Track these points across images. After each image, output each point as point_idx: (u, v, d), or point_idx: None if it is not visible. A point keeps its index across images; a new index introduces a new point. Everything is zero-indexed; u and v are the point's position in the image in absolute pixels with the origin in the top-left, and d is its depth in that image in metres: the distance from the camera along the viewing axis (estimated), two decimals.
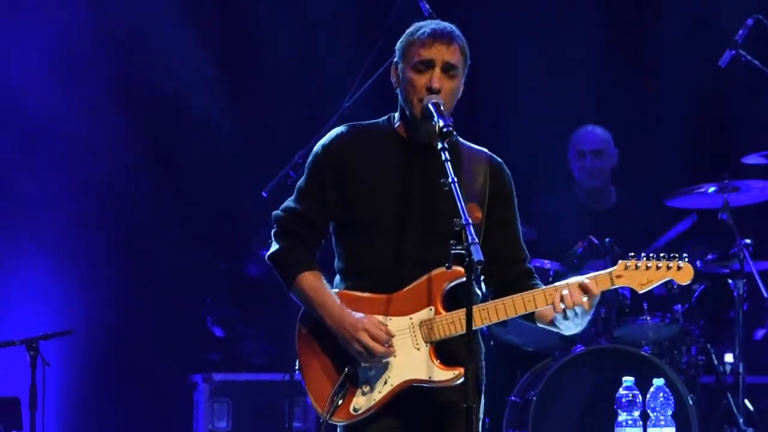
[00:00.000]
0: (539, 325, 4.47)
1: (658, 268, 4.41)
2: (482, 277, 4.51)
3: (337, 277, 4.50)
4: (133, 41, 8.56)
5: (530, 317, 4.44)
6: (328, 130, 4.57)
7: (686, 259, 4.43)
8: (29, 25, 8.36)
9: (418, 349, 4.34)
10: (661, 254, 4.43)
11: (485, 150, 4.56)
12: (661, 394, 4.80)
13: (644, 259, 4.41)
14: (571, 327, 4.37)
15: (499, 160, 4.57)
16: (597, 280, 4.36)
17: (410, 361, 4.33)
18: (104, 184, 8.48)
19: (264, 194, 6.58)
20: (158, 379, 8.47)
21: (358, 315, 4.33)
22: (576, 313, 4.31)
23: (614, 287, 4.43)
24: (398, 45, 4.47)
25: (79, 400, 8.37)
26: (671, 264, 4.41)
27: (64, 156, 8.43)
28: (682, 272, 4.42)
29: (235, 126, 8.70)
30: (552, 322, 4.41)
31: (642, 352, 7.11)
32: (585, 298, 4.30)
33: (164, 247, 8.53)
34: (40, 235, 8.31)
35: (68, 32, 8.39)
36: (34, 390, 6.75)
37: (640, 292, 4.44)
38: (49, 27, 8.37)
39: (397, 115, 4.52)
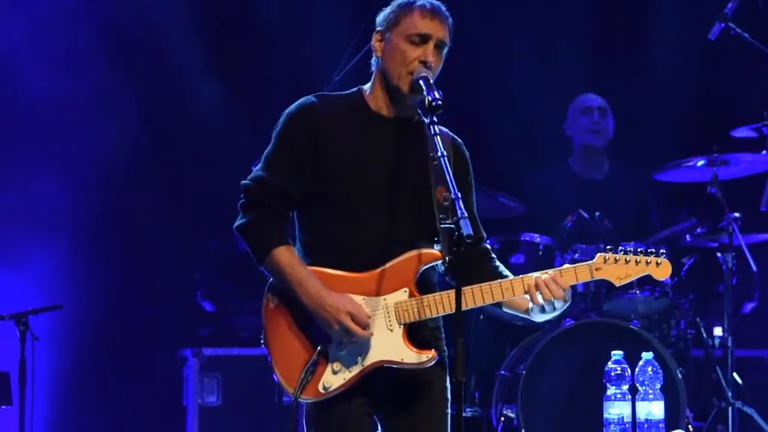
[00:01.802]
0: (505, 310, 4.41)
1: (636, 263, 4.37)
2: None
3: (300, 250, 4.36)
4: (128, 28, 8.53)
5: (497, 303, 4.36)
6: None
7: (664, 255, 4.40)
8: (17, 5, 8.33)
9: (391, 331, 4.27)
10: (639, 249, 4.40)
11: (447, 130, 4.45)
12: (650, 368, 4.82)
13: (622, 252, 4.37)
14: (544, 316, 4.34)
15: (459, 140, 4.51)
16: (576, 272, 4.33)
17: (383, 342, 4.26)
18: (95, 163, 8.45)
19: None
20: (148, 354, 8.46)
21: (338, 296, 4.23)
22: (554, 307, 4.30)
23: (594, 279, 4.39)
24: (387, 13, 4.36)
25: (69, 374, 8.36)
26: (650, 259, 4.38)
27: (53, 136, 8.40)
28: (661, 268, 4.39)
29: (225, 104, 8.67)
30: (520, 309, 4.37)
31: (631, 326, 7.12)
32: (562, 291, 4.27)
33: (154, 222, 8.50)
34: (29, 210, 8.28)
35: (57, 14, 8.36)
36: (23, 365, 6.74)
37: (618, 285, 4.40)
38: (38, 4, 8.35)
39: (367, 87, 4.43)
